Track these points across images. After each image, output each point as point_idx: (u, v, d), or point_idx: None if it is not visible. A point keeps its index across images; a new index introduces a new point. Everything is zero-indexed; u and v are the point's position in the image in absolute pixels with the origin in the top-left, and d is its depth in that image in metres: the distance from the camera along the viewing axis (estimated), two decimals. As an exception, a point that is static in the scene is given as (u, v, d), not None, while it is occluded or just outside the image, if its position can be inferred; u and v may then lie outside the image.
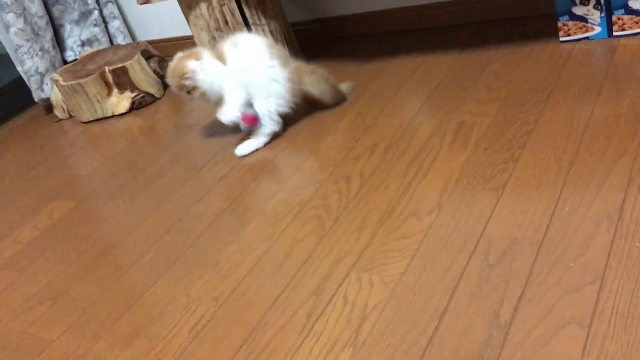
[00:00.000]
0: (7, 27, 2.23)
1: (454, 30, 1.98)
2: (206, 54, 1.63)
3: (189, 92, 1.63)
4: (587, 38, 1.63)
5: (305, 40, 2.28)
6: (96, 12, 2.44)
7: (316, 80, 1.67)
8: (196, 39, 2.00)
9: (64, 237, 1.57)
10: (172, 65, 1.64)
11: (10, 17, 2.21)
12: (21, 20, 2.23)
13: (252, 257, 1.27)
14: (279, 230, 1.32)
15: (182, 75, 1.60)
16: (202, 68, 1.60)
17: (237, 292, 1.18)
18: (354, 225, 1.26)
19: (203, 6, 1.91)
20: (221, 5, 1.90)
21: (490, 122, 1.44)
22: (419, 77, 1.76)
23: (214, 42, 1.94)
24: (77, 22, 2.45)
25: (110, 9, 2.48)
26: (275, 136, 1.68)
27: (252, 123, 1.63)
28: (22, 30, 2.24)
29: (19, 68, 2.35)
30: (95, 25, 2.45)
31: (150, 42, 2.56)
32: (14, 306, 1.36)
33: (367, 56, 2.01)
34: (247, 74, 1.61)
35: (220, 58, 1.63)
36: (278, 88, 1.61)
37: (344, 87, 1.77)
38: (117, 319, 1.21)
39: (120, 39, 2.51)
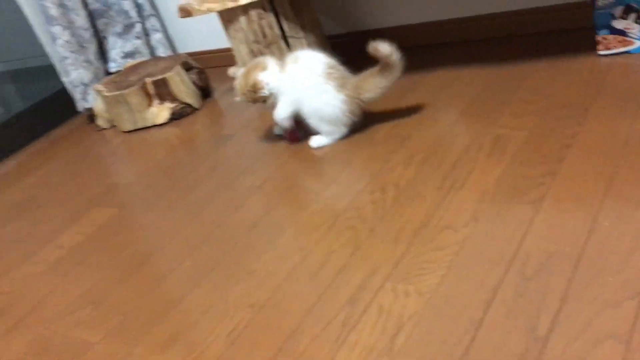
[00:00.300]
0: (54, 39, 2.32)
1: (490, 43, 1.98)
2: (270, 63, 1.66)
3: (263, 101, 1.67)
4: (627, 52, 1.61)
5: (341, 53, 2.30)
6: (139, 25, 2.51)
7: (374, 84, 1.65)
8: (235, 51, 2.05)
9: (106, 243, 1.61)
10: (240, 80, 1.68)
11: (57, 29, 2.30)
12: (67, 32, 2.32)
13: (287, 266, 1.29)
14: (314, 240, 1.34)
15: (255, 89, 1.64)
16: (271, 78, 1.64)
17: (273, 300, 1.20)
18: (389, 236, 1.27)
19: (242, 19, 1.95)
20: (260, 19, 1.94)
21: (527, 135, 1.43)
22: (454, 90, 1.76)
23: (252, 55, 1.98)
24: (120, 35, 2.53)
25: (152, 22, 2.55)
26: (307, 147, 1.71)
27: (292, 139, 1.68)
28: (68, 42, 2.33)
29: (64, 79, 2.44)
30: (138, 37, 2.53)
31: (190, 54, 2.62)
32: (57, 309, 1.41)
33: (405, 68, 2.02)
34: (300, 92, 1.63)
35: (282, 70, 1.65)
36: (330, 112, 1.63)
37: (392, 53, 1.65)
38: (156, 324, 1.25)
39: (161, 51, 2.58)
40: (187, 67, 2.31)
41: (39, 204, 1.97)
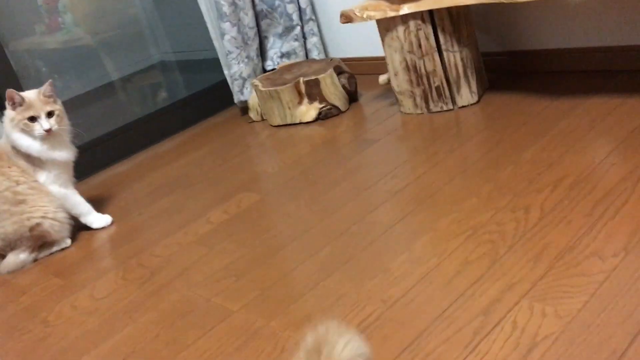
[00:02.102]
0: (222, 35, 2.52)
1: (659, 74, 1.87)
2: None
3: None
4: None
5: (494, 71, 2.28)
6: (298, 28, 2.66)
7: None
8: (388, 60, 2.11)
9: (249, 224, 1.73)
10: None
11: (226, 25, 2.50)
12: (235, 29, 2.51)
13: (422, 269, 1.31)
14: (451, 248, 1.35)
15: None
16: None
17: (405, 299, 1.23)
18: (530, 255, 1.25)
19: (400, 29, 2.00)
20: (417, 30, 1.98)
21: (694, 172, 1.34)
22: (614, 119, 1.69)
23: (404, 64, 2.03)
24: (280, 36, 2.69)
25: (310, 26, 2.68)
26: (452, 158, 1.72)
27: None
28: (235, 39, 2.52)
29: (225, 72, 2.64)
30: (296, 40, 2.67)
31: (342, 59, 2.73)
32: (202, 276, 1.54)
33: (558, 93, 1.97)
34: None
35: None
36: None
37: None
38: (291, 303, 1.32)
39: (315, 54, 2.71)
40: (339, 71, 2.41)
41: (191, 182, 2.15)
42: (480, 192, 1.54)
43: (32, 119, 1.80)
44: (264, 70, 2.72)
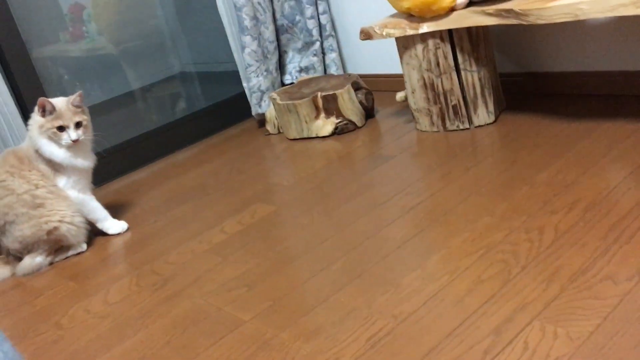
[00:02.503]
0: (242, 48, 2.55)
1: (678, 100, 1.87)
2: None
3: None
4: None
5: (512, 92, 2.29)
6: (317, 44, 2.69)
7: None
8: (406, 77, 2.12)
9: (263, 235, 1.74)
10: None
11: (247, 39, 2.53)
12: (255, 43, 2.54)
13: (434, 286, 1.31)
14: (463, 266, 1.35)
15: None
16: None
17: (416, 315, 1.23)
18: (543, 276, 1.25)
19: (419, 47, 2.02)
20: (436, 48, 2.00)
21: None
22: (631, 143, 1.69)
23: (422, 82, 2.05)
24: (299, 51, 2.72)
25: (330, 42, 2.71)
26: (467, 177, 1.72)
27: None
28: (255, 52, 2.55)
29: (244, 84, 2.67)
30: (315, 55, 2.70)
31: (360, 76, 2.75)
32: (215, 285, 1.55)
33: (575, 115, 1.97)
34: None
35: None
36: None
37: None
38: (302, 315, 1.33)
39: (333, 70, 2.74)
40: (357, 87, 2.43)
41: (208, 192, 2.17)
42: (494, 211, 1.54)
43: (61, 128, 1.84)
44: (283, 84, 2.75)
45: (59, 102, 1.87)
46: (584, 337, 1.06)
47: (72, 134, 1.84)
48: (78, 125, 1.86)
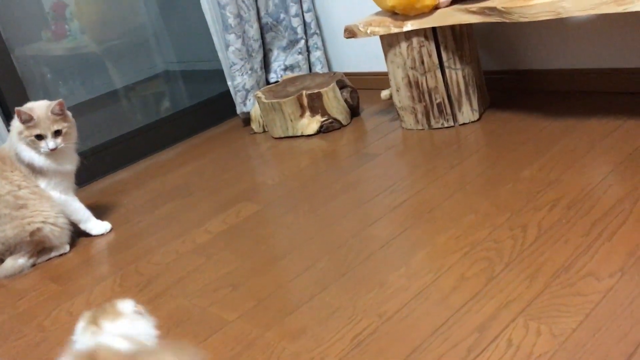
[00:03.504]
0: (227, 46, 2.54)
1: (659, 97, 1.88)
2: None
3: None
4: None
5: (496, 90, 2.30)
6: (302, 42, 2.68)
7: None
8: (390, 75, 2.12)
9: (248, 234, 1.74)
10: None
11: (231, 37, 2.52)
12: (240, 41, 2.53)
13: (418, 284, 1.31)
14: (447, 264, 1.36)
15: None
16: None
17: (401, 313, 1.23)
18: (526, 273, 1.25)
19: (403, 45, 2.02)
20: (420, 46, 2.00)
21: (691, 195, 1.35)
22: (614, 140, 1.70)
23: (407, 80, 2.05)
24: (284, 49, 2.71)
25: (314, 40, 2.71)
26: (452, 175, 1.73)
27: None
28: (239, 50, 2.54)
29: (229, 83, 2.66)
30: (300, 53, 2.69)
31: (345, 74, 2.75)
32: (199, 286, 1.54)
33: (558, 113, 1.98)
34: None
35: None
36: None
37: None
38: (287, 314, 1.32)
39: (318, 68, 2.73)
40: (342, 86, 2.42)
41: (191, 191, 2.16)
42: (478, 209, 1.55)
43: (39, 136, 1.81)
44: (267, 83, 2.74)
45: (38, 108, 1.82)
46: (567, 333, 1.06)
47: (50, 142, 1.81)
48: (57, 133, 1.83)
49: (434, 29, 1.98)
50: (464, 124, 2.09)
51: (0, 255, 1.85)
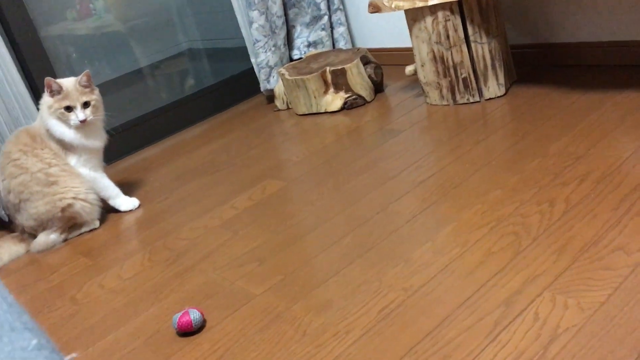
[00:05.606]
0: (250, 23, 2.54)
1: (692, 69, 1.84)
2: None
3: None
4: None
5: (523, 64, 2.27)
6: (326, 18, 2.66)
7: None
8: (415, 50, 2.10)
9: (273, 210, 1.75)
10: None
11: (254, 14, 2.51)
12: (263, 17, 2.52)
13: (444, 259, 1.32)
14: (473, 239, 1.35)
15: None
16: None
17: (427, 287, 1.24)
18: (553, 248, 1.25)
19: (428, 19, 2.00)
20: (446, 20, 1.97)
21: None
22: (644, 114, 1.67)
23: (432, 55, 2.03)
24: (307, 25, 2.70)
25: (338, 16, 2.69)
26: (478, 150, 1.72)
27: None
28: (262, 27, 2.53)
29: (252, 60, 2.66)
30: (323, 29, 2.68)
31: (369, 50, 2.73)
32: (226, 260, 1.56)
33: (587, 87, 1.95)
34: None
35: None
36: None
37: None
38: (313, 288, 1.34)
39: (342, 44, 2.71)
40: (365, 62, 2.41)
41: (218, 168, 2.18)
42: (505, 184, 1.54)
43: (69, 108, 1.84)
44: (291, 59, 2.73)
45: (67, 82, 1.87)
46: (595, 307, 1.06)
47: (80, 114, 1.84)
48: (86, 105, 1.86)
49: (459, 2, 1.95)
50: (489, 99, 2.06)
51: (33, 231, 1.90)
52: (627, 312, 1.03)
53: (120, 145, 2.49)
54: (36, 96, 2.20)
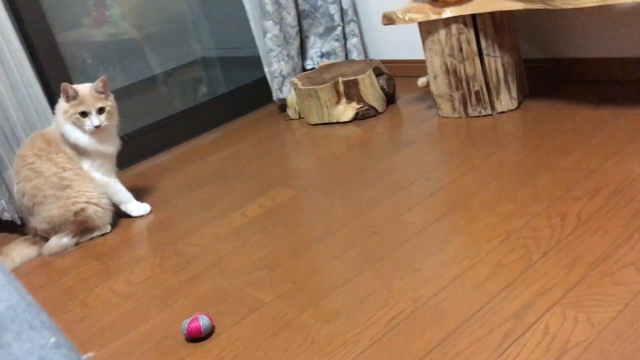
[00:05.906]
0: (264, 33, 2.56)
1: None
2: None
3: None
4: None
5: (535, 78, 2.27)
6: (339, 29, 2.68)
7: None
8: (428, 63, 2.11)
9: (284, 218, 1.76)
10: None
11: (269, 24, 2.53)
12: (277, 27, 2.55)
13: (454, 270, 1.32)
14: (484, 251, 1.35)
15: None
16: None
17: (437, 298, 1.24)
18: (564, 262, 1.24)
19: (442, 32, 2.01)
20: (459, 33, 1.98)
21: None
22: (657, 130, 1.66)
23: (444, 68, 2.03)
24: (321, 36, 2.72)
25: (351, 27, 2.70)
26: (489, 163, 1.72)
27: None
28: (276, 37, 2.56)
29: (265, 69, 2.68)
30: (336, 40, 2.70)
31: (382, 61, 2.74)
32: (236, 267, 1.57)
33: (599, 102, 1.95)
34: None
35: None
36: None
37: None
38: (323, 297, 1.34)
39: (355, 55, 2.73)
40: (378, 73, 2.42)
41: (229, 176, 2.19)
42: (516, 197, 1.54)
43: (84, 114, 1.86)
44: (304, 69, 2.75)
45: (83, 88, 1.89)
46: (605, 322, 1.06)
47: (95, 119, 1.86)
48: (101, 111, 1.88)
49: (473, 15, 1.96)
50: (502, 112, 2.07)
51: (46, 234, 1.92)
52: (637, 328, 1.03)
53: (133, 151, 2.51)
54: (52, 101, 2.23)
